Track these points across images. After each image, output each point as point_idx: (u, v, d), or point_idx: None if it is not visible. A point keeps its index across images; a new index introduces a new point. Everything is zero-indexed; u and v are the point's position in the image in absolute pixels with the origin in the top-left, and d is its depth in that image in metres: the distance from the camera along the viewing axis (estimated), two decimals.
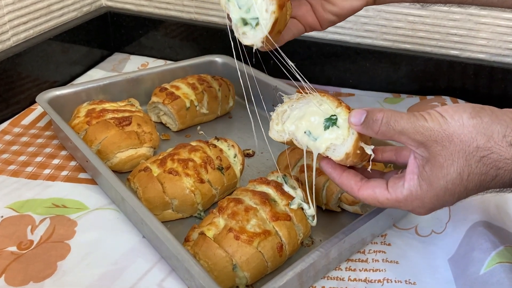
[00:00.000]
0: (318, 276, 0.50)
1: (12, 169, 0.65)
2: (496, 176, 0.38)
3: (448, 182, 0.39)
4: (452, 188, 0.39)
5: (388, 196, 0.42)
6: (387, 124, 0.41)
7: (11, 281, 0.48)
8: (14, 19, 0.79)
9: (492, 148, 0.37)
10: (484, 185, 0.39)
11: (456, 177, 0.38)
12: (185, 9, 0.98)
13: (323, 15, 0.56)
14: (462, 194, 0.40)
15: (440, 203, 0.41)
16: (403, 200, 0.42)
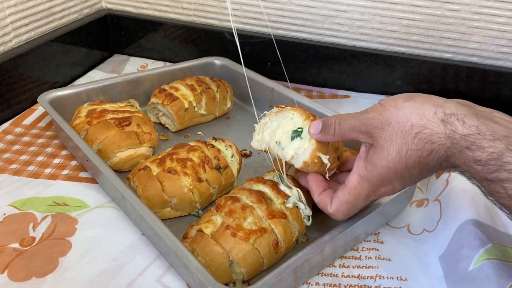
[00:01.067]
0: (313, 272, 0.52)
1: (14, 168, 0.66)
2: (431, 150, 0.42)
3: (389, 161, 0.43)
4: (393, 167, 0.43)
5: (347, 190, 0.47)
6: (339, 125, 0.47)
7: (14, 276, 0.50)
8: (16, 20, 0.80)
9: (425, 124, 0.42)
10: (423, 161, 0.43)
11: (396, 155, 0.43)
12: (184, 11, 0.99)
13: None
14: (404, 173, 0.44)
15: (386, 182, 0.45)
16: (358, 186, 0.46)
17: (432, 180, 0.65)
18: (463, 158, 0.41)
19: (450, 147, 0.41)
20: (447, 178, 0.63)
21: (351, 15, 0.89)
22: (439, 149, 0.42)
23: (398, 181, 0.45)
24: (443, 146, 0.41)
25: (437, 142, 0.41)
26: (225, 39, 0.97)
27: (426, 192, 0.65)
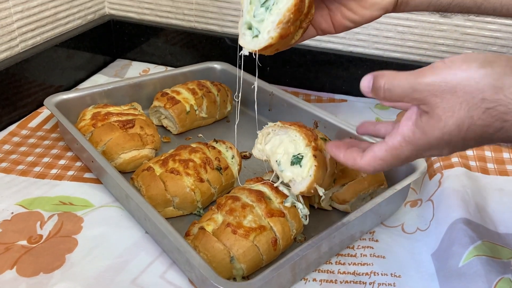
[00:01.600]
0: (310, 268, 0.54)
1: (21, 169, 0.68)
2: (501, 128, 0.36)
3: (445, 134, 0.38)
4: (448, 139, 0.38)
5: (385, 147, 0.42)
6: (388, 91, 0.40)
7: (23, 272, 0.52)
8: (23, 26, 0.82)
9: (500, 100, 0.35)
10: (487, 137, 0.38)
11: (454, 129, 0.37)
12: (185, 17, 1.02)
13: (341, 20, 0.55)
14: (458, 144, 0.39)
15: (435, 148, 0.40)
16: (399, 147, 0.41)
17: (426, 181, 0.67)
18: None
19: None
20: (439, 179, 0.65)
21: None
22: (511, 128, 0.36)
23: (449, 148, 0.40)
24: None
25: (510, 121, 0.36)
26: (225, 45, 0.99)
27: (420, 193, 0.67)
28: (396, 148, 0.41)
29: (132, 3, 1.04)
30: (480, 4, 0.54)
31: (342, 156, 0.46)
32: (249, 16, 0.45)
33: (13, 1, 0.79)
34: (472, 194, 0.61)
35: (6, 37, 0.79)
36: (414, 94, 0.38)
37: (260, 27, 0.45)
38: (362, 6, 0.53)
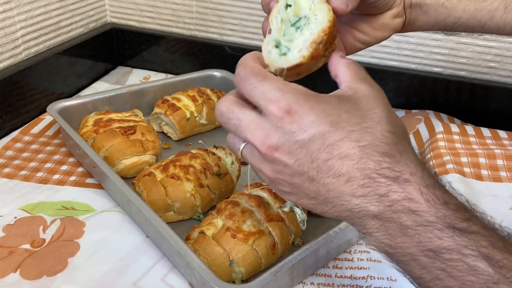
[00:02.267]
0: (308, 272, 0.55)
1: (24, 174, 0.69)
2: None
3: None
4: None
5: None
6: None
7: (26, 275, 0.53)
8: (26, 34, 0.84)
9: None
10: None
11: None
12: (186, 26, 1.04)
13: (352, 43, 0.55)
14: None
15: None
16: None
17: None
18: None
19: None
20: None
21: None
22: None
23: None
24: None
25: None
26: (225, 53, 1.01)
27: None
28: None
29: (134, 12, 1.06)
30: (483, 24, 0.55)
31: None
32: (279, 34, 0.44)
33: (17, 10, 0.81)
34: (466, 199, 0.62)
35: (10, 45, 0.81)
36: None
37: (289, 45, 0.43)
38: (373, 28, 0.54)
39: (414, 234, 0.32)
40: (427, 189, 0.33)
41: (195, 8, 1.01)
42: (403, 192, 0.33)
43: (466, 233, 0.32)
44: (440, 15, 0.55)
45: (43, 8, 0.87)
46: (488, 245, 0.31)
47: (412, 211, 0.33)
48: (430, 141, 0.78)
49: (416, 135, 0.81)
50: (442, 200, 0.33)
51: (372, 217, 0.34)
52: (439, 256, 0.32)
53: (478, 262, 0.31)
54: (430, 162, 0.72)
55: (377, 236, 0.34)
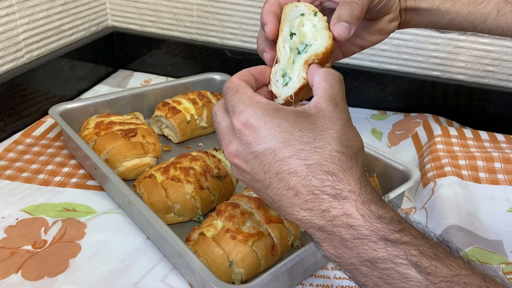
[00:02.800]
0: (307, 273, 0.56)
1: (25, 176, 0.70)
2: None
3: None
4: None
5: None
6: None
7: (28, 276, 0.53)
8: (28, 38, 0.85)
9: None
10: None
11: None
12: (186, 30, 1.04)
13: (349, 47, 0.57)
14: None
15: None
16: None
17: (420, 190, 0.69)
18: None
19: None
20: (432, 187, 0.67)
21: None
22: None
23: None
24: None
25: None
26: (225, 56, 1.02)
27: (414, 201, 0.69)
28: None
29: (135, 15, 1.06)
30: (476, 26, 0.57)
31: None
32: (288, 63, 0.45)
33: (19, 13, 0.81)
34: (464, 202, 0.63)
35: (12, 48, 0.81)
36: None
37: (290, 74, 0.45)
38: (370, 33, 0.56)
39: (353, 246, 0.35)
40: (363, 205, 0.36)
41: (195, 12, 1.02)
42: (342, 208, 0.36)
43: (398, 243, 0.34)
44: (434, 17, 0.57)
45: (45, 12, 0.87)
46: (417, 253, 0.33)
47: (350, 226, 0.35)
48: (429, 144, 0.78)
49: (415, 138, 0.82)
50: (377, 214, 0.35)
51: (317, 229, 0.37)
52: (375, 266, 0.34)
53: (408, 270, 0.33)
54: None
55: (324, 246, 0.37)
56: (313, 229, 0.37)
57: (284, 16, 0.46)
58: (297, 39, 0.45)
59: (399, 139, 0.83)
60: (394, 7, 0.54)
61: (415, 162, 0.76)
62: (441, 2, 0.56)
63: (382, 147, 0.82)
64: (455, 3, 0.56)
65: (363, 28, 0.56)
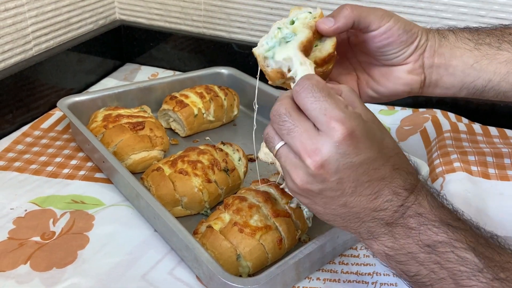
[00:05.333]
0: (314, 268, 0.55)
1: (34, 168, 0.70)
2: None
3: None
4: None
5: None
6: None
7: (36, 267, 0.54)
8: (37, 30, 0.85)
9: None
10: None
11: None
12: (194, 23, 1.04)
13: (365, 89, 0.56)
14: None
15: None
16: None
17: None
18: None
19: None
20: (441, 183, 0.67)
21: None
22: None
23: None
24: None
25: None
26: (232, 50, 1.02)
27: None
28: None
29: (142, 9, 1.06)
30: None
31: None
32: (275, 37, 0.49)
33: (28, 6, 0.82)
34: (473, 198, 0.63)
35: (21, 41, 0.82)
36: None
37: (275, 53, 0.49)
38: (386, 79, 0.54)
39: (416, 234, 0.38)
40: (431, 197, 0.40)
41: (203, 5, 1.02)
42: (416, 200, 0.39)
43: (458, 229, 0.38)
44: (468, 76, 0.53)
45: (54, 4, 0.88)
46: (474, 240, 0.37)
47: (419, 214, 0.38)
48: (437, 140, 0.78)
49: (423, 134, 0.81)
50: (440, 204, 0.40)
51: (384, 225, 0.39)
52: (435, 250, 0.37)
53: (466, 254, 0.36)
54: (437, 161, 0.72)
55: (382, 241, 0.40)
56: (377, 227, 0.39)
57: (296, 10, 0.51)
58: (291, 28, 0.49)
59: (407, 135, 0.83)
60: (413, 58, 0.52)
61: (424, 158, 0.76)
62: (475, 60, 0.52)
63: None
64: (491, 61, 0.52)
65: (380, 72, 0.55)
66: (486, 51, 0.52)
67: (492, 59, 0.52)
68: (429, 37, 0.53)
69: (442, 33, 0.54)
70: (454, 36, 0.53)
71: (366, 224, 0.40)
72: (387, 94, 0.56)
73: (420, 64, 0.53)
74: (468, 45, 0.53)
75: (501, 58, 0.52)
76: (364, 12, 0.49)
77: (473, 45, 0.53)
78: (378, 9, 0.50)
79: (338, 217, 0.41)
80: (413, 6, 0.88)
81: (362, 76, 0.56)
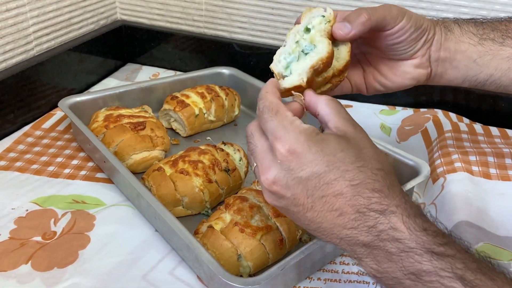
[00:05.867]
0: (315, 268, 0.55)
1: (35, 168, 0.70)
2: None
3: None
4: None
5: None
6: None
7: (37, 266, 0.54)
8: (38, 30, 0.85)
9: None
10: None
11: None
12: (195, 23, 1.04)
13: (372, 83, 0.57)
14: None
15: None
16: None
17: (429, 185, 0.69)
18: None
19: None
20: (442, 183, 0.67)
21: None
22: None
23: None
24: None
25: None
26: (233, 50, 1.02)
27: (424, 197, 0.68)
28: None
29: (143, 9, 1.06)
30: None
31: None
32: (293, 52, 0.46)
33: (29, 6, 0.82)
34: (474, 198, 0.63)
35: (22, 41, 0.82)
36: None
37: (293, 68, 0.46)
38: (393, 73, 0.55)
39: (398, 260, 0.36)
40: (408, 218, 0.36)
41: (204, 5, 1.02)
42: (388, 223, 0.36)
43: (443, 256, 0.34)
44: (471, 70, 0.54)
45: (55, 4, 0.88)
46: (462, 267, 0.34)
47: (396, 239, 0.36)
48: (438, 140, 0.78)
49: (424, 134, 0.81)
50: (422, 227, 0.36)
51: (361, 245, 0.37)
52: (420, 279, 0.35)
53: (453, 283, 0.33)
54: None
55: (366, 262, 0.38)
56: (356, 246, 0.38)
57: (307, 13, 0.48)
58: (308, 38, 0.46)
59: (408, 135, 0.83)
60: (420, 53, 0.53)
61: (425, 158, 0.76)
62: (479, 55, 0.53)
63: (391, 142, 0.82)
64: (494, 57, 0.52)
65: (387, 66, 0.55)
66: (489, 46, 0.53)
67: (495, 55, 0.53)
68: (436, 31, 0.53)
69: (447, 25, 0.54)
70: (459, 30, 0.54)
71: (344, 241, 0.38)
72: (394, 88, 0.56)
73: (427, 58, 0.54)
74: (473, 40, 0.53)
75: (503, 54, 0.53)
76: (380, 15, 0.49)
77: (477, 40, 0.53)
78: (392, 7, 0.50)
79: (316, 232, 0.40)
80: (414, 6, 0.88)
81: (368, 70, 0.57)
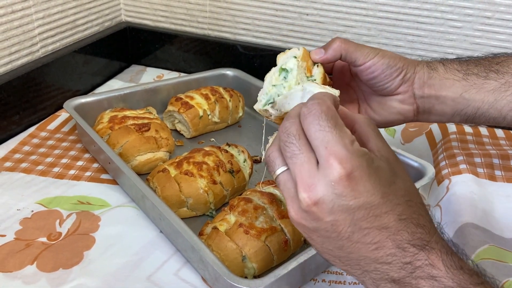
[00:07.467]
0: (319, 269, 0.55)
1: (40, 169, 0.71)
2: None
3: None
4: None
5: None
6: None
7: (43, 267, 0.54)
8: (43, 32, 0.85)
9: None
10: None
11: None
12: (199, 25, 1.05)
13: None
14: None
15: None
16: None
17: (434, 187, 0.68)
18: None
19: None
20: (447, 185, 0.66)
21: (358, 31, 0.94)
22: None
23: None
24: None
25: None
26: (237, 52, 1.02)
27: (428, 198, 0.68)
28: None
29: (148, 11, 1.07)
30: (505, 114, 0.54)
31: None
32: (269, 91, 0.49)
33: (35, 8, 0.82)
34: (479, 199, 0.62)
35: (27, 42, 0.82)
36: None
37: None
38: (381, 107, 0.57)
39: None
40: (446, 255, 0.34)
41: (208, 7, 1.02)
42: (427, 259, 0.34)
43: None
44: (459, 104, 0.55)
45: (60, 6, 0.88)
46: None
47: (432, 277, 0.34)
48: (443, 141, 0.77)
49: (429, 135, 0.81)
50: (459, 265, 0.34)
51: (389, 281, 0.35)
52: None
53: None
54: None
55: None
56: (382, 281, 0.35)
57: (282, 55, 0.51)
58: (287, 86, 0.48)
59: (412, 136, 0.82)
60: (402, 89, 0.55)
61: (429, 160, 0.76)
62: (464, 89, 0.54)
63: (395, 144, 0.82)
64: (479, 90, 0.53)
65: (377, 101, 0.57)
66: (473, 81, 0.54)
67: (480, 88, 0.54)
68: (417, 70, 0.55)
69: (431, 65, 0.56)
70: (444, 68, 0.55)
71: (369, 274, 0.36)
72: (383, 122, 0.58)
73: (410, 95, 0.55)
74: (457, 76, 0.55)
75: (488, 87, 0.54)
76: (351, 47, 0.52)
77: (462, 76, 0.54)
78: (365, 47, 0.53)
79: (336, 259, 0.37)
80: (418, 8, 0.88)
81: (362, 105, 0.59)
